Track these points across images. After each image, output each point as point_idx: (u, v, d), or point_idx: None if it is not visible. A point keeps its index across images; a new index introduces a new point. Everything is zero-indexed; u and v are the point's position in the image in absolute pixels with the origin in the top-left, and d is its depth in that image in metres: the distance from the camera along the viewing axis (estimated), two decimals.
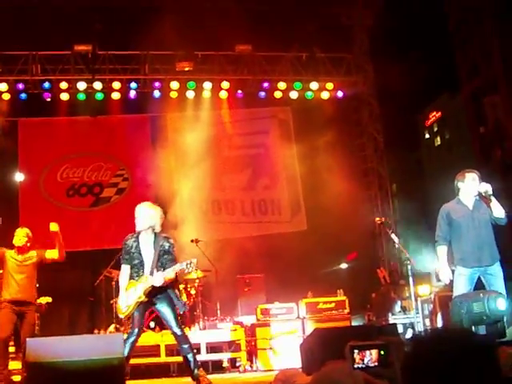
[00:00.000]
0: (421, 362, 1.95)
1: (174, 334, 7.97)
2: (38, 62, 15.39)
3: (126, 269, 8.00)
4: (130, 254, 7.96)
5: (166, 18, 13.36)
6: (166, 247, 7.92)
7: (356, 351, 5.21)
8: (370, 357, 5.25)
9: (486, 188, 7.94)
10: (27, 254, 9.77)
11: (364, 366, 5.20)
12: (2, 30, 14.05)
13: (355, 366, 5.14)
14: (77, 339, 7.64)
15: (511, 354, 4.33)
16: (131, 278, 7.95)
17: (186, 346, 7.97)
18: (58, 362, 6.77)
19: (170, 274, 7.76)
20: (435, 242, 8.31)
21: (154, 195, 15.31)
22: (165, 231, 8.25)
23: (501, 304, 6.90)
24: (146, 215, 7.91)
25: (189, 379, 9.84)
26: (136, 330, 7.89)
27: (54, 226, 9.45)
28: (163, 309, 7.95)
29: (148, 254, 7.91)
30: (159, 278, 7.72)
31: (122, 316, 8.15)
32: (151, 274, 7.81)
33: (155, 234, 7.98)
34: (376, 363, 5.24)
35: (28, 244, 9.68)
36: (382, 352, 5.24)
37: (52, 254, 9.67)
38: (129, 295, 7.89)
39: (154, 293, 7.85)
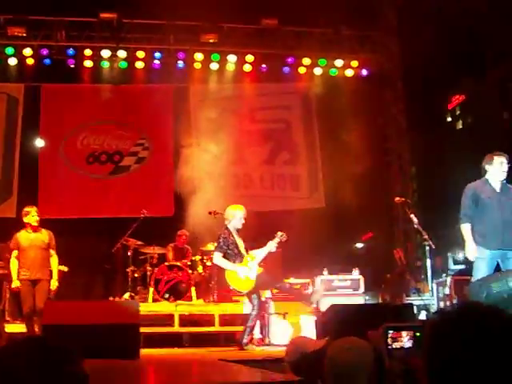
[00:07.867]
0: (447, 329, 1.89)
1: None
2: (63, 28, 15.32)
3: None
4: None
5: None
6: None
7: (391, 332, 5.11)
8: (405, 338, 5.16)
9: None
10: (39, 233, 9.93)
11: (399, 346, 5.10)
12: None
13: (389, 346, 5.05)
14: (93, 304, 7.71)
15: None
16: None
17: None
18: (74, 325, 6.83)
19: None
20: (460, 219, 8.23)
21: (174, 166, 15.30)
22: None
23: None
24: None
25: (200, 350, 9.90)
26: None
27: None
28: None
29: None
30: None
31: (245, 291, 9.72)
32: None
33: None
34: (411, 344, 5.14)
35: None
36: (418, 334, 5.14)
37: (55, 260, 10.02)
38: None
39: None
